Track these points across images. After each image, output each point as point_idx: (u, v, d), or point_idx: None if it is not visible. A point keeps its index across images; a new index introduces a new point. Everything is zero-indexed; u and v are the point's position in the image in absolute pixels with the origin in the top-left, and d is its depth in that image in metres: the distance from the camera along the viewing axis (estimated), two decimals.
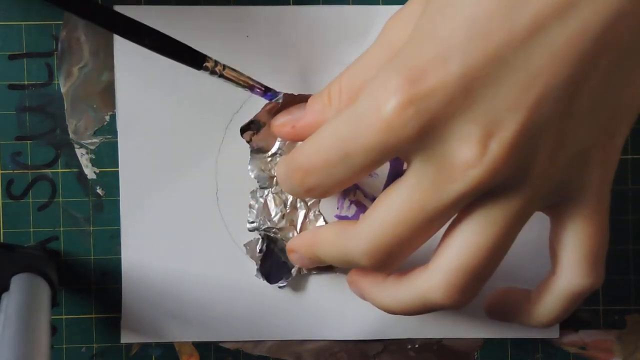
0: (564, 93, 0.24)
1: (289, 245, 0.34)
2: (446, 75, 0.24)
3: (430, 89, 0.24)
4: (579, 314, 0.38)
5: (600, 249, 0.28)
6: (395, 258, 0.28)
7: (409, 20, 0.28)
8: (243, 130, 0.35)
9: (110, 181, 0.37)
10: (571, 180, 0.27)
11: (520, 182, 0.26)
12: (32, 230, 0.37)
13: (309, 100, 0.33)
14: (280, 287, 0.37)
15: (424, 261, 0.29)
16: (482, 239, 0.27)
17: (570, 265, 0.28)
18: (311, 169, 0.28)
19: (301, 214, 0.36)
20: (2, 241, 0.37)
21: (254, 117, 0.35)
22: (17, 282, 0.32)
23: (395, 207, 0.27)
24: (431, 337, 0.38)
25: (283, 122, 0.34)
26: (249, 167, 0.36)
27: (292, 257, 0.34)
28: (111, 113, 0.37)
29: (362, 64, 0.30)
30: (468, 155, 0.25)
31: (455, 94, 0.24)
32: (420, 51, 0.25)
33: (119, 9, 0.36)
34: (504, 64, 0.24)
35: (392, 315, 0.37)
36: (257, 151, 0.36)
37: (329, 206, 0.37)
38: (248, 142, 0.36)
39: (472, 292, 0.28)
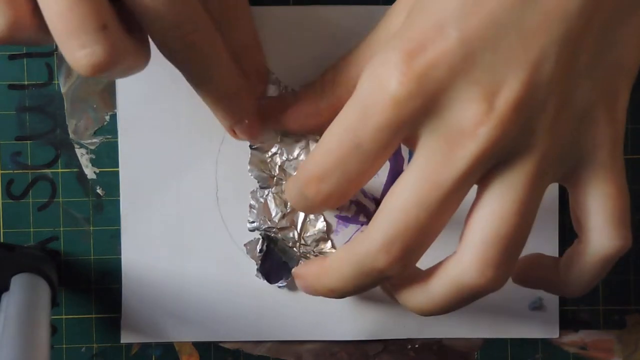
0: (562, 51, 0.25)
1: (295, 272, 0.32)
2: (445, 43, 0.25)
3: (431, 59, 0.25)
4: (579, 314, 0.38)
5: (624, 208, 0.28)
6: (415, 249, 0.27)
7: (404, 9, 0.28)
8: None
9: (110, 181, 0.37)
10: (582, 141, 0.27)
11: (530, 142, 0.26)
12: (32, 230, 0.37)
13: (301, 88, 0.33)
14: (279, 287, 0.37)
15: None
16: (505, 206, 0.26)
17: (597, 228, 0.28)
18: (325, 173, 0.27)
19: (301, 214, 0.36)
20: (2, 241, 0.37)
21: None
22: (17, 282, 0.32)
23: (407, 190, 0.26)
24: (431, 337, 0.38)
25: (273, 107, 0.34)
26: (249, 167, 0.36)
27: (298, 283, 0.32)
28: (111, 113, 0.37)
29: (355, 55, 0.30)
30: (475, 114, 0.25)
31: (456, 59, 0.25)
32: (416, 26, 0.25)
33: None
34: (499, 26, 0.25)
35: (392, 314, 0.37)
36: (257, 151, 0.36)
37: None
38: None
39: (507, 265, 0.27)
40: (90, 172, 0.37)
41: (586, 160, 0.28)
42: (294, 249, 0.36)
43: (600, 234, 0.28)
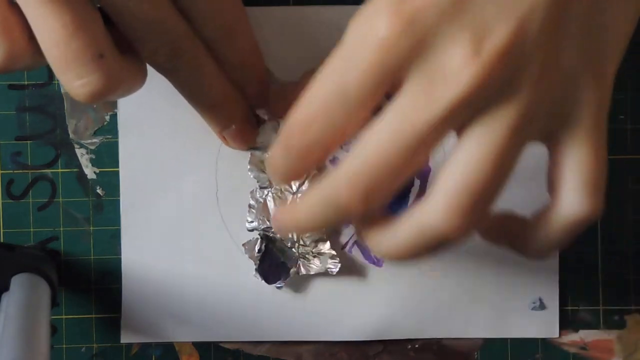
0: (553, 9, 0.25)
1: (273, 215, 0.34)
2: None
3: (420, 3, 0.25)
4: (579, 314, 0.38)
5: (600, 175, 0.27)
6: (380, 188, 0.26)
7: None
8: None
9: (110, 181, 0.37)
10: (565, 103, 0.27)
11: (513, 94, 0.25)
12: (32, 230, 0.37)
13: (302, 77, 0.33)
14: (277, 287, 0.37)
15: None
16: (481, 155, 0.26)
17: (570, 191, 0.27)
18: (309, 121, 0.27)
19: None
20: (2, 241, 0.37)
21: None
22: (17, 282, 0.32)
23: (382, 128, 0.26)
24: (431, 337, 0.38)
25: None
26: (249, 167, 0.36)
27: (274, 226, 0.33)
28: (111, 113, 0.37)
29: None
30: (460, 57, 0.25)
31: (446, 4, 0.25)
32: None
33: None
34: None
35: (392, 314, 0.37)
36: (257, 150, 0.36)
37: None
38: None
39: (474, 215, 0.26)
40: (90, 172, 0.37)
41: (568, 123, 0.27)
42: (293, 249, 0.36)
43: (572, 197, 0.27)
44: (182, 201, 0.37)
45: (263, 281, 0.36)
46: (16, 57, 0.25)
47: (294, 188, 0.36)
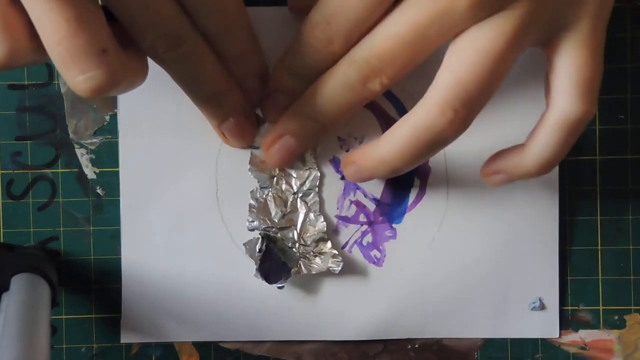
0: None
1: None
2: None
3: None
4: (579, 314, 0.38)
5: (594, 77, 0.29)
6: (396, 66, 0.29)
7: None
8: None
9: (110, 181, 0.37)
10: (567, 8, 0.28)
11: (516, 2, 0.27)
12: (32, 230, 0.37)
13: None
14: (279, 287, 0.37)
15: None
16: (478, 54, 0.27)
17: (563, 92, 0.29)
18: (330, 16, 0.30)
19: (301, 214, 0.36)
20: (2, 241, 0.37)
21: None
22: (17, 282, 0.32)
23: (392, 24, 0.29)
24: (431, 337, 0.38)
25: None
26: (249, 167, 0.36)
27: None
28: (111, 113, 0.37)
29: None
30: None
31: None
32: None
33: None
34: None
35: (392, 314, 0.37)
36: (257, 150, 0.36)
37: (329, 206, 0.37)
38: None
39: (468, 111, 0.28)
40: (90, 172, 0.37)
41: (567, 28, 0.28)
42: (294, 249, 0.36)
43: (566, 98, 0.28)
44: (182, 201, 0.37)
45: (264, 281, 0.36)
46: (18, 53, 0.25)
47: (295, 188, 0.36)
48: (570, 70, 0.28)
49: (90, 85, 0.25)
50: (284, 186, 0.36)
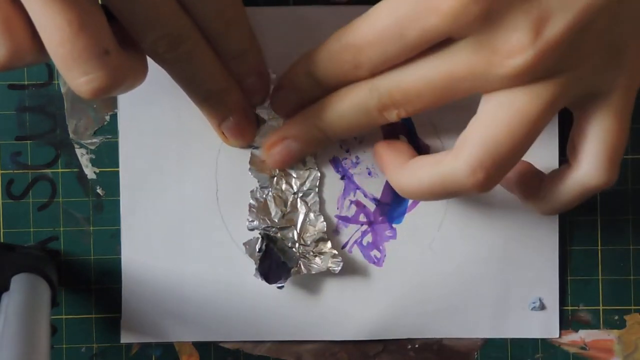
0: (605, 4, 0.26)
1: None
2: None
3: None
4: (579, 314, 0.38)
5: (619, 148, 0.29)
6: (418, 103, 0.30)
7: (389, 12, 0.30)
8: None
9: (110, 181, 0.37)
10: (602, 78, 0.28)
11: (556, 73, 0.27)
12: (32, 230, 0.37)
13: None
14: (278, 287, 0.37)
15: None
16: (514, 120, 0.27)
17: (589, 157, 0.29)
18: (365, 45, 0.29)
19: (301, 214, 0.36)
20: (2, 241, 0.37)
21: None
22: (17, 282, 0.32)
23: (426, 66, 0.29)
24: (431, 337, 0.38)
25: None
26: (249, 167, 0.36)
27: (280, 148, 0.35)
28: (111, 113, 0.37)
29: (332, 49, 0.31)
30: (518, 41, 0.26)
31: None
32: None
33: None
34: None
35: (392, 314, 0.37)
36: (257, 150, 0.36)
37: (329, 206, 0.37)
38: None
39: (498, 173, 0.28)
40: (90, 172, 0.37)
41: (602, 96, 0.28)
42: (293, 249, 0.36)
43: (591, 163, 0.29)
44: (182, 201, 0.37)
45: (263, 281, 0.36)
46: (19, 54, 0.25)
47: (295, 188, 0.36)
48: (598, 138, 0.29)
49: (92, 87, 0.25)
50: (284, 186, 0.36)
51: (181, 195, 0.37)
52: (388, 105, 0.30)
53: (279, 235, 0.36)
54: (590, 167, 0.29)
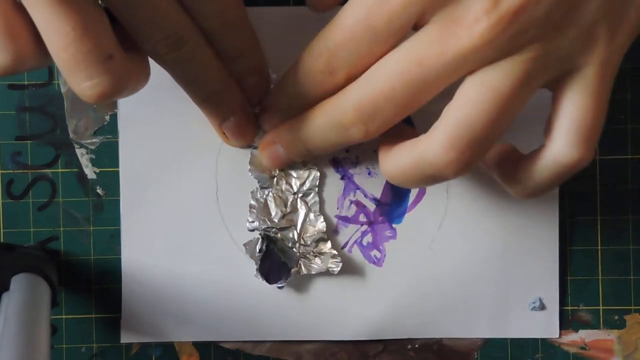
0: None
1: (265, 139, 0.34)
2: None
3: None
4: (579, 314, 0.38)
5: (595, 125, 0.28)
6: (382, 117, 0.29)
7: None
8: None
9: (110, 181, 0.37)
10: (576, 54, 0.27)
11: (525, 47, 0.26)
12: (32, 230, 0.37)
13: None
14: (279, 287, 0.37)
15: None
16: (485, 98, 0.27)
17: (563, 134, 0.28)
18: (337, 48, 0.29)
19: (301, 214, 0.36)
20: (2, 241, 0.37)
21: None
22: (17, 282, 0.32)
23: (391, 62, 0.28)
24: (431, 337, 0.38)
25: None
26: (249, 167, 0.36)
27: (269, 151, 0.34)
28: (111, 113, 0.37)
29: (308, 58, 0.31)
30: (477, 10, 0.26)
31: None
32: None
33: None
34: None
35: (392, 314, 0.37)
36: (258, 150, 0.36)
37: (329, 206, 0.37)
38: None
39: (472, 153, 0.28)
40: (90, 172, 0.37)
41: (575, 72, 0.28)
42: (294, 249, 0.36)
43: (563, 141, 0.28)
44: (182, 201, 0.37)
45: (264, 281, 0.36)
46: (23, 59, 0.25)
47: (295, 188, 0.36)
48: (571, 116, 0.28)
49: (96, 91, 0.25)
50: (284, 186, 0.36)
51: (181, 195, 0.37)
52: (355, 123, 0.29)
53: (279, 235, 0.36)
54: (562, 143, 0.28)
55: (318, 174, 0.37)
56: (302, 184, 0.36)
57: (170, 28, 0.29)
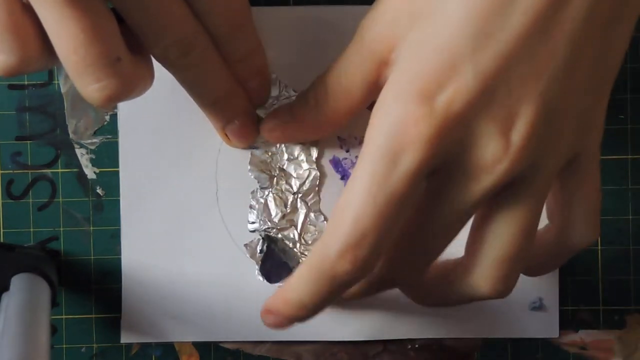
0: (568, 71, 0.25)
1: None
2: (462, 80, 0.25)
3: (451, 97, 0.25)
4: (579, 314, 0.38)
5: (599, 206, 0.30)
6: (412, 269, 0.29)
7: (382, 19, 0.28)
8: None
9: (110, 181, 0.37)
10: (576, 147, 0.28)
11: (539, 164, 0.26)
12: (32, 230, 0.37)
13: (294, 104, 0.33)
14: (279, 287, 0.36)
15: None
16: (517, 226, 0.27)
17: (577, 223, 0.29)
18: (360, 237, 0.26)
19: (302, 214, 0.36)
20: (2, 241, 0.37)
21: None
22: (17, 282, 0.32)
23: (428, 215, 0.27)
24: (431, 337, 0.38)
25: (272, 126, 0.34)
26: (249, 167, 0.36)
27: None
28: (111, 113, 0.37)
29: (344, 64, 0.30)
30: (494, 152, 0.25)
31: (474, 96, 0.25)
32: (425, 64, 0.25)
33: None
34: (512, 59, 0.25)
35: (392, 314, 0.37)
36: (257, 150, 0.36)
37: (329, 206, 0.37)
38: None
39: (515, 277, 0.29)
40: (90, 172, 0.37)
41: (576, 164, 0.28)
42: (295, 249, 0.36)
43: (579, 228, 0.30)
44: (182, 201, 0.37)
45: (264, 281, 0.36)
46: (29, 61, 0.25)
47: (295, 188, 0.36)
48: (581, 202, 0.29)
49: (104, 94, 0.25)
50: (284, 186, 0.36)
51: (181, 195, 0.37)
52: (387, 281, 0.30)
53: (279, 235, 0.36)
54: (578, 232, 0.30)
55: (318, 173, 0.37)
56: (302, 184, 0.36)
57: (180, 32, 0.28)
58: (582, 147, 0.28)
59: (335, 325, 0.38)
